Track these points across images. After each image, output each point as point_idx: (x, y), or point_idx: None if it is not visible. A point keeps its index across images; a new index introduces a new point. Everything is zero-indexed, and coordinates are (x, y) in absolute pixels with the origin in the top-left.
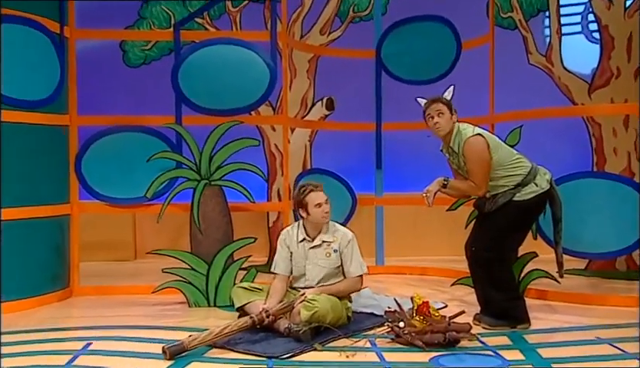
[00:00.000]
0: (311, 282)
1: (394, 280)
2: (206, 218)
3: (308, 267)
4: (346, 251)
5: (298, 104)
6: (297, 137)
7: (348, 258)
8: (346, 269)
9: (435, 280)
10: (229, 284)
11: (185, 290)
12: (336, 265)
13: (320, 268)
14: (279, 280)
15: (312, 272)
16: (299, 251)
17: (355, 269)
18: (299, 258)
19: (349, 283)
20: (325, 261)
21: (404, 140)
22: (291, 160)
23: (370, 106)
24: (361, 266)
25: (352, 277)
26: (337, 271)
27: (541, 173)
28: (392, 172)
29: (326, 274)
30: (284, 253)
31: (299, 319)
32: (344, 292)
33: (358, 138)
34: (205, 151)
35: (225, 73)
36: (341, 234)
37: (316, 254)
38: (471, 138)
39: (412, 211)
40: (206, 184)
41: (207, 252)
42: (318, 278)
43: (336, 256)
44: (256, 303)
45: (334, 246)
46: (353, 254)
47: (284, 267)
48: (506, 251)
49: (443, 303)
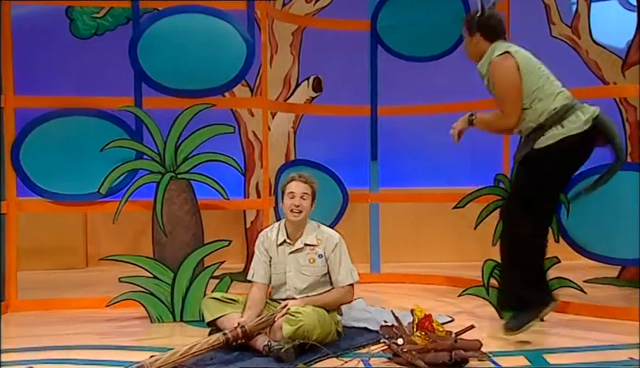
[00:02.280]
0: (292, 292)
1: (392, 290)
2: (171, 218)
3: (289, 274)
4: (333, 257)
5: (280, 84)
6: (278, 123)
7: (335, 265)
8: (334, 278)
9: (440, 290)
10: (198, 295)
11: (146, 302)
12: (322, 273)
13: (303, 277)
14: (258, 289)
15: (294, 281)
16: (279, 255)
17: (344, 277)
18: (279, 264)
19: (338, 294)
20: (309, 268)
21: (403, 127)
22: (271, 150)
23: (364, 87)
24: (352, 273)
25: (341, 287)
26: (323, 280)
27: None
28: (390, 164)
29: (310, 284)
30: (262, 258)
31: (281, 335)
32: (332, 304)
33: (350, 124)
34: (170, 139)
35: (193, 48)
36: (326, 237)
37: (298, 260)
38: (498, 58)
39: (413, 209)
40: (172, 177)
41: (173, 258)
42: (300, 288)
43: (321, 262)
44: (231, 316)
45: (318, 250)
46: (341, 260)
47: (263, 275)
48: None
49: (449, 316)
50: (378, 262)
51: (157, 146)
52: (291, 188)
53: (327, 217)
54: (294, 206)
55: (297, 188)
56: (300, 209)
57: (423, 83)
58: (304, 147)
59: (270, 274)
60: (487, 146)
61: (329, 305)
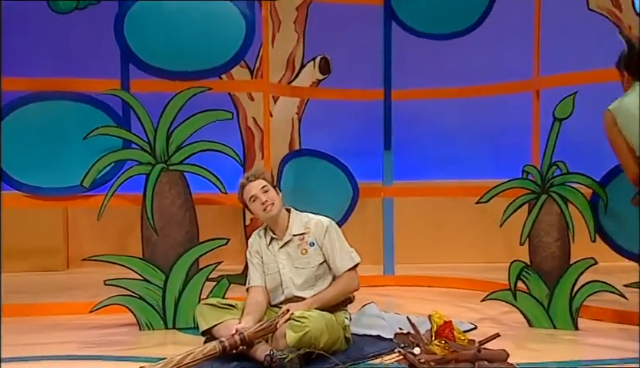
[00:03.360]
0: (290, 290)
1: (407, 294)
2: (162, 214)
3: (283, 271)
4: (326, 242)
5: (283, 66)
6: (281, 109)
7: (331, 251)
8: (332, 265)
9: (461, 295)
10: (192, 300)
11: (134, 307)
12: (317, 263)
13: (298, 271)
14: (256, 293)
15: (289, 277)
16: (270, 254)
17: (344, 262)
18: (271, 263)
19: (341, 283)
20: (303, 259)
21: (420, 113)
22: (273, 139)
23: (376, 69)
24: (351, 256)
25: (343, 275)
26: (322, 272)
27: None
28: (405, 154)
29: (308, 277)
30: (255, 260)
31: (284, 343)
32: (338, 296)
33: (361, 110)
34: (161, 126)
35: (186, 24)
36: (314, 222)
37: (289, 254)
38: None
39: (431, 204)
40: (163, 169)
41: (164, 258)
42: (298, 283)
43: (314, 251)
44: (228, 323)
45: (308, 239)
46: (336, 244)
47: (259, 277)
48: None
49: (471, 323)
50: (392, 263)
51: (147, 133)
52: (249, 191)
53: (335, 213)
54: (262, 204)
55: (254, 188)
56: (270, 202)
57: (442, 64)
58: (309, 136)
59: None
60: (514, 134)
61: (336, 298)
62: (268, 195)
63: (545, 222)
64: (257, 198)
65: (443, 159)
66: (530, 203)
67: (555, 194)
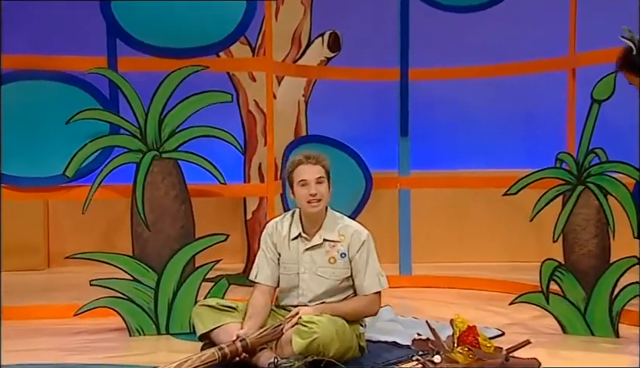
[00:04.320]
0: (305, 298)
1: (426, 296)
2: (155, 207)
3: (304, 276)
4: (358, 258)
5: (288, 42)
6: (286, 90)
7: (361, 268)
8: (358, 283)
9: (486, 297)
10: (188, 302)
11: (123, 311)
12: (343, 276)
13: (320, 280)
14: (261, 293)
15: (309, 284)
16: (291, 252)
17: (371, 283)
18: (290, 263)
19: (361, 303)
20: (328, 269)
21: (440, 94)
22: (277, 123)
23: (392, 45)
24: (380, 279)
25: (366, 296)
26: (344, 285)
27: None
28: (423, 140)
29: (329, 289)
30: (269, 254)
31: (290, 350)
32: (352, 315)
33: (375, 91)
34: (152, 109)
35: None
36: (351, 232)
37: (315, 259)
38: None
39: (453, 197)
40: (155, 157)
41: (157, 256)
42: (316, 294)
43: (343, 263)
44: (228, 327)
45: (341, 248)
46: (368, 262)
47: (269, 275)
48: None
49: (498, 329)
50: (409, 262)
51: (137, 117)
52: (302, 174)
53: (346, 206)
54: (310, 196)
55: (309, 173)
56: (319, 198)
57: (466, 39)
58: (317, 120)
59: (278, 275)
60: (546, 118)
61: (349, 316)
62: (320, 188)
63: (581, 216)
64: (308, 185)
65: (466, 146)
66: (565, 195)
67: (593, 185)
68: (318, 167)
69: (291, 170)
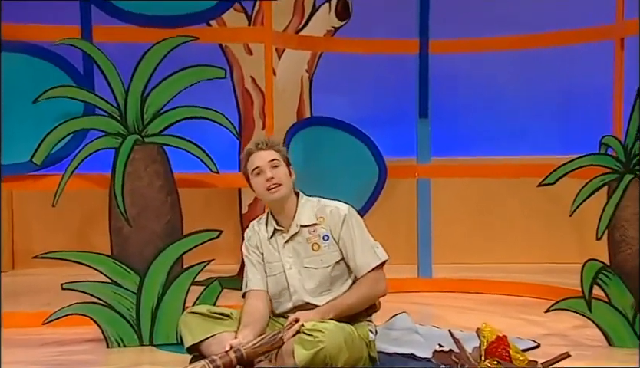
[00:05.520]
0: (300, 296)
1: (449, 302)
2: (136, 199)
3: (290, 272)
4: (344, 235)
5: (290, 9)
6: (288, 65)
7: (349, 245)
8: (352, 264)
9: (519, 303)
10: (175, 309)
11: (101, 319)
12: (333, 261)
13: (309, 272)
14: (256, 299)
15: (298, 280)
16: (272, 252)
17: (366, 258)
18: (274, 262)
19: (363, 287)
20: (314, 258)
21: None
22: (277, 103)
23: (409, 14)
24: (375, 251)
25: (366, 275)
26: (338, 273)
27: None
28: (445, 123)
29: (322, 280)
30: (255, 257)
31: (292, 362)
32: (361, 304)
33: (390, 66)
34: (133, 86)
35: None
36: (328, 211)
37: (297, 251)
38: None
39: (479, 187)
40: (137, 141)
41: (139, 255)
42: (309, 288)
43: (329, 246)
44: (221, 338)
45: (322, 231)
46: (356, 236)
47: (259, 280)
48: None
49: (532, 340)
50: (429, 263)
51: (115, 96)
52: (254, 162)
53: (356, 199)
54: (267, 181)
55: (260, 159)
56: (277, 182)
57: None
58: (323, 100)
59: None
60: (588, 97)
61: (357, 306)
62: (276, 172)
63: (629, 211)
64: (262, 172)
65: (494, 129)
66: (610, 186)
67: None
68: (270, 151)
69: (245, 163)
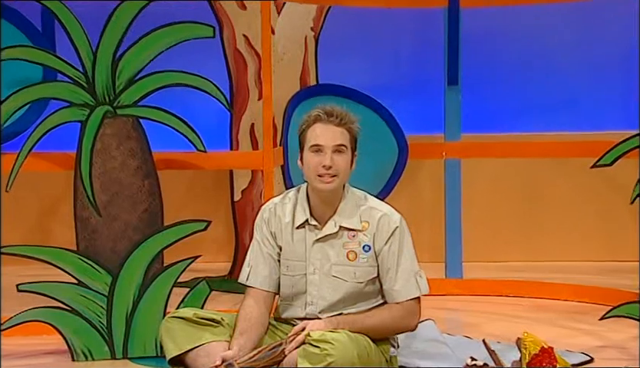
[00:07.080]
0: (316, 308)
1: (482, 308)
2: (107, 183)
3: (313, 278)
4: (387, 251)
5: None
6: (289, 22)
7: (391, 264)
8: (387, 286)
9: (568, 309)
10: (153, 314)
11: (65, 326)
12: (367, 278)
13: (335, 282)
14: (256, 301)
15: (320, 289)
16: (295, 246)
17: (406, 287)
18: (295, 260)
19: (393, 314)
20: (347, 268)
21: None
22: (277, 69)
23: None
24: (417, 281)
25: (400, 303)
26: (369, 291)
27: None
28: (479, 92)
29: (347, 295)
30: (266, 248)
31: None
32: (382, 331)
33: (413, 24)
34: (103, 48)
35: None
36: (378, 217)
37: (328, 255)
38: None
39: (519, 169)
40: (108, 113)
41: (111, 251)
42: (330, 302)
43: (367, 259)
44: (210, 347)
45: (364, 239)
46: (401, 257)
47: (265, 277)
48: None
49: (584, 353)
50: (459, 260)
51: (81, 59)
52: (317, 136)
53: (372, 182)
54: (323, 168)
55: (326, 136)
56: (334, 172)
57: None
58: (332, 64)
59: (278, 276)
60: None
61: (375, 332)
62: (338, 160)
63: None
64: (322, 151)
65: (537, 100)
66: None
67: None
68: (341, 130)
69: (304, 128)
